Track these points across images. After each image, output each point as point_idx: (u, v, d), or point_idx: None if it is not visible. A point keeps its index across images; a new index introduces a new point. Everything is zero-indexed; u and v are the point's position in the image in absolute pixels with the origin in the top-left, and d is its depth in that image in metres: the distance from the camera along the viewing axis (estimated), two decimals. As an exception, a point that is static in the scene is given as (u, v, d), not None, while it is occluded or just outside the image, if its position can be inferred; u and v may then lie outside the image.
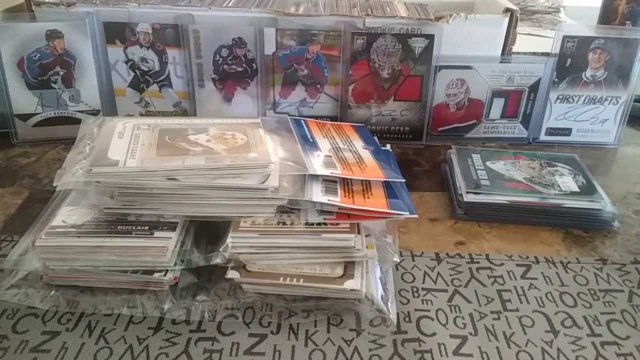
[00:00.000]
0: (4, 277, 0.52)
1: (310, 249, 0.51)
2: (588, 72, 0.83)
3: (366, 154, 0.63)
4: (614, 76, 0.83)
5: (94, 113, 0.83)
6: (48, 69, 0.80)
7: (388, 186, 0.57)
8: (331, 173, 0.56)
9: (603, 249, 0.62)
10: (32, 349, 0.47)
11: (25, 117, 0.81)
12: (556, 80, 0.83)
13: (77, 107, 0.82)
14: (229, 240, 0.50)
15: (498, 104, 0.85)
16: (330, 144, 0.65)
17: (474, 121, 0.86)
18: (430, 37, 0.79)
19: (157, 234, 0.51)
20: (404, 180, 0.59)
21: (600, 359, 0.48)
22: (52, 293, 0.51)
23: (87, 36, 0.79)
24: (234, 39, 0.80)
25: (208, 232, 0.55)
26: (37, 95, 0.81)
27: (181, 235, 0.52)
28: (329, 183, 0.55)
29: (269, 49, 0.81)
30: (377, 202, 0.54)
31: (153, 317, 0.50)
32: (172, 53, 0.82)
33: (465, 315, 0.52)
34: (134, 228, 0.51)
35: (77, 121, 0.80)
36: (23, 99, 0.80)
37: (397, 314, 0.51)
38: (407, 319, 0.51)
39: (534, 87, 0.83)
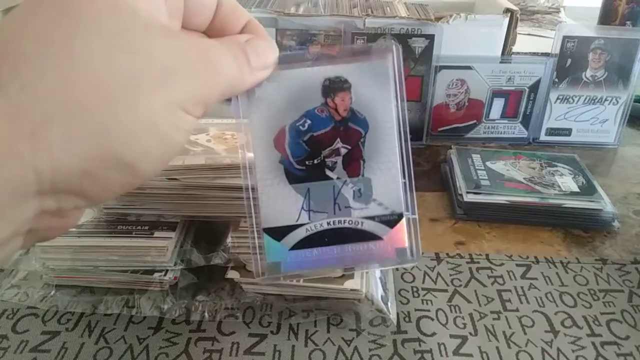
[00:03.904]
0: (4, 277, 0.52)
1: (310, 249, 0.51)
2: (588, 73, 0.83)
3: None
4: (614, 76, 0.83)
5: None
6: None
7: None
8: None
9: (603, 249, 0.62)
10: (32, 349, 0.47)
11: None
12: (556, 80, 0.83)
13: None
14: (229, 240, 0.50)
15: (498, 104, 0.85)
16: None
17: (474, 121, 0.86)
18: (430, 38, 0.79)
19: (157, 234, 0.51)
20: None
21: (600, 359, 0.48)
22: (52, 293, 0.51)
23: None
24: (234, 39, 0.80)
25: (208, 232, 0.55)
26: None
27: (181, 235, 0.52)
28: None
29: (269, 49, 0.81)
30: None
31: (153, 317, 0.50)
32: (172, 53, 0.82)
33: (465, 315, 0.52)
34: (134, 228, 0.51)
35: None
36: None
37: (397, 314, 0.51)
38: (407, 319, 0.51)
39: (534, 87, 0.83)
